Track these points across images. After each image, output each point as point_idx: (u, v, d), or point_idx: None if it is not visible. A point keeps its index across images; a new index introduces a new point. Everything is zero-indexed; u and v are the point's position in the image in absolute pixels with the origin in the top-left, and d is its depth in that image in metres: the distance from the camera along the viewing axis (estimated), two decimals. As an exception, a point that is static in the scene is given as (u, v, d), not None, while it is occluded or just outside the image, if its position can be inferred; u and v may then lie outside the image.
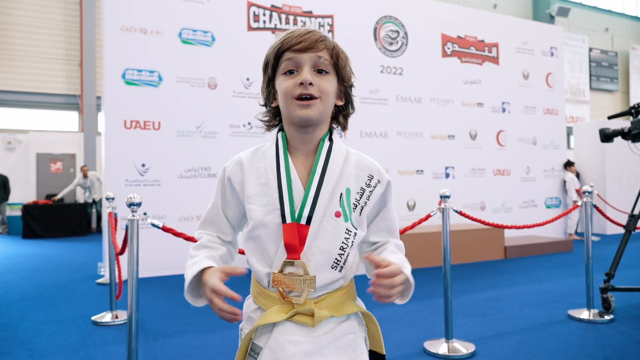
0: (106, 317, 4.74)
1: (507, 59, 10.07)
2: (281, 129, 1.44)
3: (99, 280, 6.63)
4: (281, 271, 1.29)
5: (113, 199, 5.09)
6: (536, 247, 8.60)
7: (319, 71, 1.35)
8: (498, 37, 9.99)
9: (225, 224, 1.48)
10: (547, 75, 10.59)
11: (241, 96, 7.52)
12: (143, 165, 6.87)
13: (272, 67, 1.40)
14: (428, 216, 4.26)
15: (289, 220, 1.30)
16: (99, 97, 14.58)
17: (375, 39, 8.66)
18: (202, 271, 1.32)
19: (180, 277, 6.64)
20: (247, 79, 7.54)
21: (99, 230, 13.74)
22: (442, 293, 3.95)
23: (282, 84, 1.35)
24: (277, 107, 1.43)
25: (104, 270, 6.83)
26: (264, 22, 7.71)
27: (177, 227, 6.51)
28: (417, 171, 8.93)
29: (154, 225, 3.28)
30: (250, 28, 7.63)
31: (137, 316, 3.03)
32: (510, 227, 4.81)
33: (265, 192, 1.35)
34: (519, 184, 10.08)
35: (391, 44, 8.80)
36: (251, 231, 1.36)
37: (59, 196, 13.49)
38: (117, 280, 4.83)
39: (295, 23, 7.90)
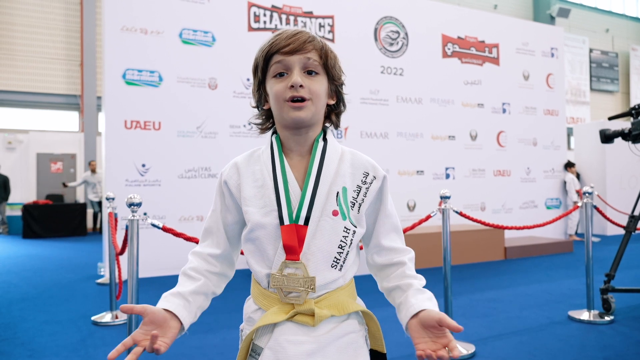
0: (106, 317, 4.74)
1: (508, 59, 10.07)
2: (275, 132, 1.45)
3: (99, 281, 6.62)
4: (280, 272, 1.30)
5: (113, 199, 5.10)
6: (536, 247, 8.60)
7: (309, 72, 1.35)
8: (498, 37, 9.99)
9: (222, 234, 1.46)
10: (547, 76, 10.60)
11: (241, 96, 7.52)
12: (143, 166, 6.87)
13: (261, 70, 1.40)
14: (428, 217, 4.26)
15: (286, 221, 1.30)
16: (99, 97, 14.59)
17: (376, 39, 8.66)
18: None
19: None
20: (248, 80, 7.54)
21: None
22: (442, 294, 3.95)
23: (273, 87, 1.35)
24: (269, 109, 1.43)
25: (104, 270, 6.83)
26: (265, 22, 7.71)
27: (177, 228, 6.51)
28: (418, 172, 8.93)
29: (154, 225, 3.28)
30: (250, 28, 7.64)
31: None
32: (511, 228, 4.81)
33: (262, 194, 1.35)
34: (519, 185, 10.07)
35: (391, 44, 8.81)
36: (249, 233, 1.36)
37: (69, 184, 13.62)
38: (117, 281, 4.83)
39: (295, 23, 7.90)
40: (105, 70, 6.81)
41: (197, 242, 3.22)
